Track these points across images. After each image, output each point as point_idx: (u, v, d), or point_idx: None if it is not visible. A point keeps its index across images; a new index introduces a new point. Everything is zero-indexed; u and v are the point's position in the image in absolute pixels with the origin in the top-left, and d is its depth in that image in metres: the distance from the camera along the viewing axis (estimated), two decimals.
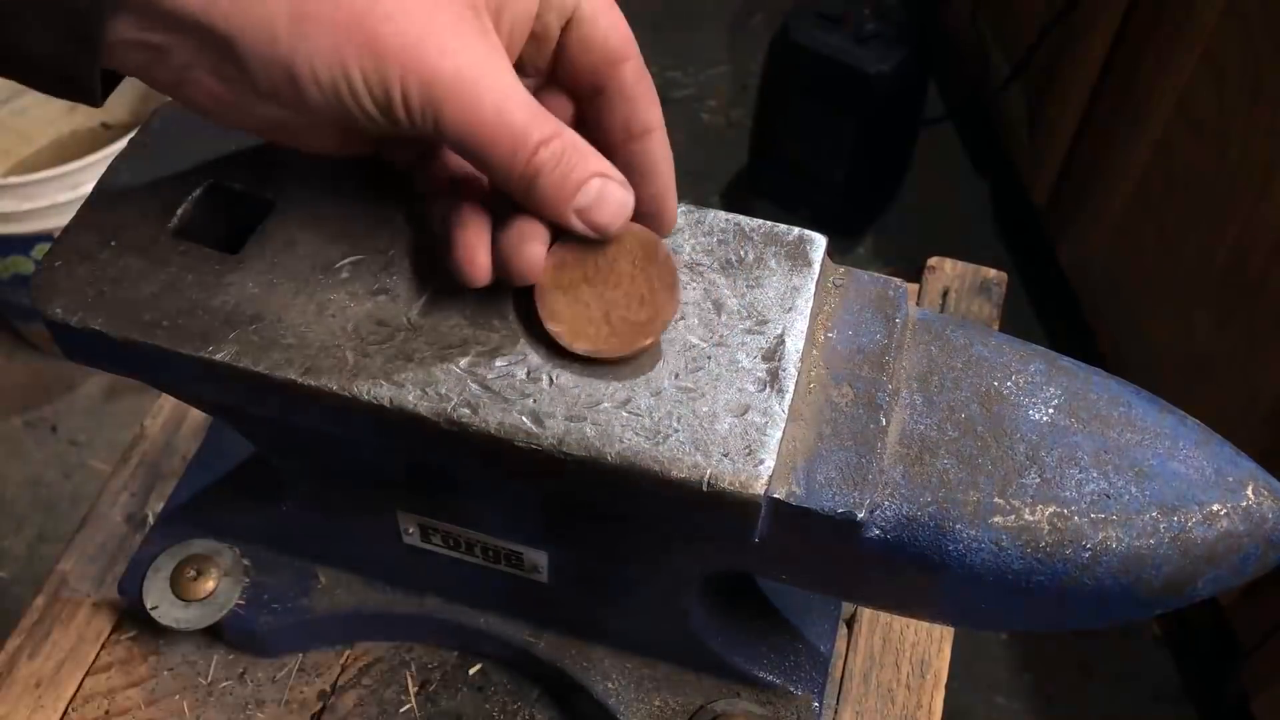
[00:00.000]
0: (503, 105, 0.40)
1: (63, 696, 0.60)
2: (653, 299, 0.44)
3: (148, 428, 0.70)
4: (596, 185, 0.42)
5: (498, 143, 0.40)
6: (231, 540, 0.61)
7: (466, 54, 0.39)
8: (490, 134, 0.40)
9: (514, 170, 0.41)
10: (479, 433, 0.43)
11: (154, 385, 0.51)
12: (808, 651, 0.57)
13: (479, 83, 0.39)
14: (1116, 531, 0.43)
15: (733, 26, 2.11)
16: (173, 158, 0.50)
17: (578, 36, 0.44)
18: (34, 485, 1.55)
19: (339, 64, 0.38)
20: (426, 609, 0.60)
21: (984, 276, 0.76)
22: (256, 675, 0.61)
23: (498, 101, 0.40)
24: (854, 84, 1.58)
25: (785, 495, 0.42)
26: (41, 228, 1.41)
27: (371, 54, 0.38)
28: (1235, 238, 1.21)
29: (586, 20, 0.44)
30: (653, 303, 0.44)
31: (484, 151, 0.40)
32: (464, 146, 0.41)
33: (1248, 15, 1.16)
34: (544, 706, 0.60)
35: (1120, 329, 1.45)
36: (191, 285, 0.46)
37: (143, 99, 1.71)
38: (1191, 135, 1.27)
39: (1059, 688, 1.39)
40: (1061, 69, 1.51)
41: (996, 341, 0.47)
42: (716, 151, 1.88)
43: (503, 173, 0.41)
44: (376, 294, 0.46)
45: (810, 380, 0.45)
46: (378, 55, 0.38)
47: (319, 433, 0.46)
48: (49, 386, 1.64)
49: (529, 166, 0.41)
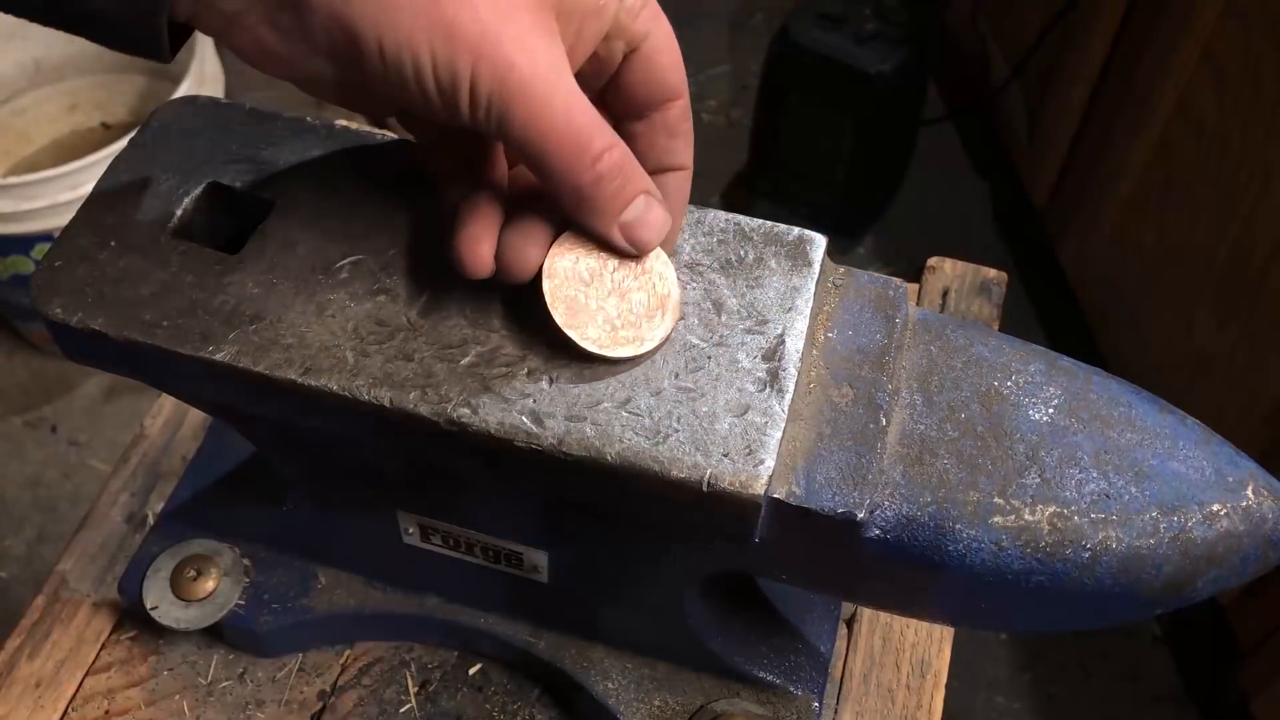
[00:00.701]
0: (570, 109, 0.39)
1: (63, 696, 0.60)
2: (657, 296, 0.44)
3: (148, 428, 0.70)
4: (643, 203, 0.42)
5: (563, 147, 0.39)
6: (231, 540, 0.61)
7: (543, 54, 0.39)
8: (557, 137, 0.39)
9: (576, 176, 0.40)
10: (479, 433, 0.43)
11: (154, 385, 0.51)
12: (808, 651, 0.57)
13: (552, 84, 0.39)
14: (1116, 531, 0.43)
15: (733, 26, 2.11)
16: (173, 158, 0.50)
17: (640, 67, 0.44)
18: (34, 485, 1.55)
19: (408, 40, 0.37)
20: (426, 609, 0.60)
21: (984, 276, 0.76)
22: (256, 675, 0.61)
23: (566, 104, 0.39)
24: (854, 84, 1.58)
25: (785, 495, 0.42)
26: (41, 228, 1.41)
27: (445, 36, 0.37)
28: (1235, 238, 1.21)
29: (651, 54, 0.44)
30: (658, 299, 0.44)
31: (547, 153, 0.40)
32: (527, 146, 0.40)
33: (1248, 15, 1.16)
34: (544, 706, 0.60)
35: (1120, 329, 1.45)
36: (191, 285, 0.46)
37: (143, 99, 1.71)
38: (1191, 135, 1.27)
39: (1059, 688, 1.39)
40: (1061, 69, 1.51)
41: (996, 341, 0.47)
42: (716, 151, 1.88)
43: (563, 177, 0.40)
44: (376, 294, 0.46)
45: (810, 380, 0.45)
46: (452, 39, 0.38)
47: (319, 433, 0.46)
48: (49, 386, 1.64)
49: (590, 173, 0.40)
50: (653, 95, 0.44)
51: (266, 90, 1.79)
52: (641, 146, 0.45)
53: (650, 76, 0.44)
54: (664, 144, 0.45)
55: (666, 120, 0.45)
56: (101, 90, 1.71)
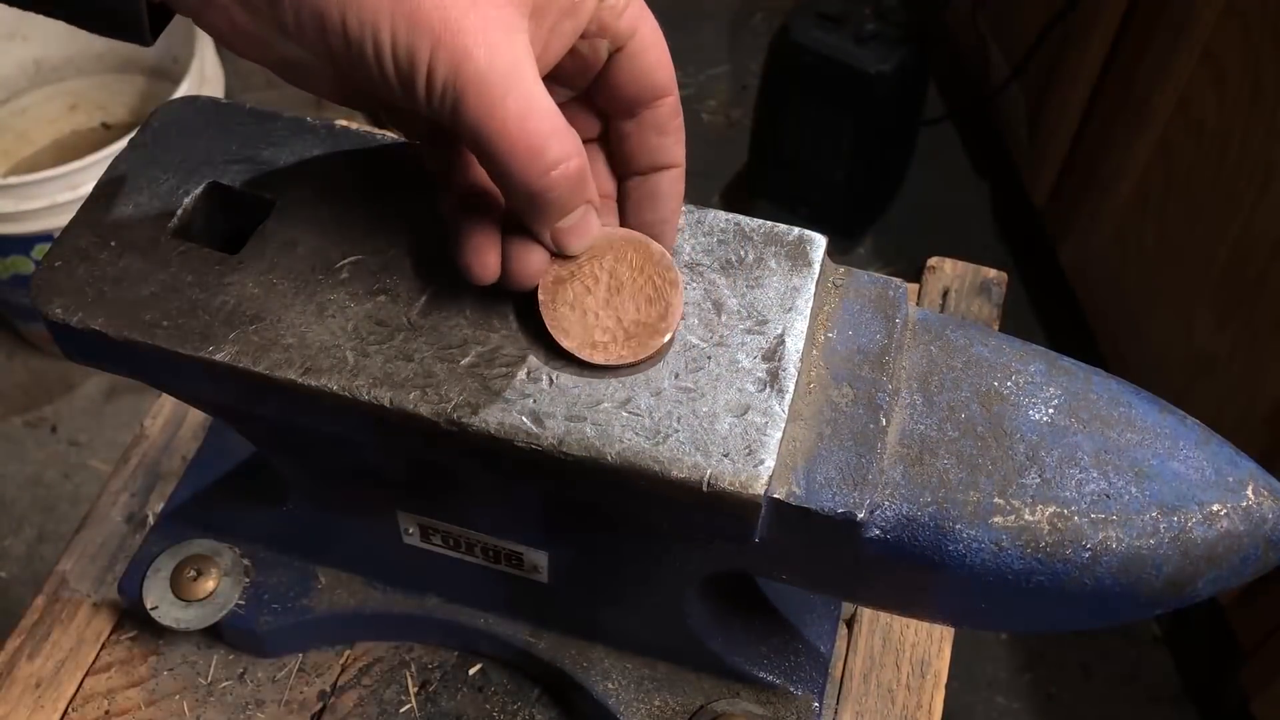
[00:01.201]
0: (528, 112, 0.39)
1: (63, 697, 0.60)
2: (660, 296, 0.44)
3: (148, 428, 0.70)
4: (581, 212, 0.42)
5: (514, 149, 0.39)
6: (231, 540, 0.61)
7: (504, 49, 0.38)
8: (509, 137, 0.39)
9: (525, 179, 0.40)
10: (479, 433, 0.43)
11: (154, 385, 0.51)
12: (808, 651, 0.57)
13: (508, 81, 0.38)
14: (1116, 531, 0.43)
15: (733, 26, 2.11)
16: (173, 158, 0.50)
17: (626, 66, 0.44)
18: (34, 485, 1.55)
19: (371, 19, 0.37)
20: (426, 609, 0.60)
21: (984, 276, 0.76)
22: (256, 675, 0.61)
23: (523, 107, 0.39)
24: (854, 84, 1.58)
25: (785, 495, 0.42)
26: (41, 228, 1.41)
27: (406, 19, 0.37)
28: (1235, 238, 1.21)
29: (638, 52, 0.43)
30: (661, 299, 0.44)
31: (497, 152, 0.39)
32: (477, 141, 0.39)
33: (1248, 15, 1.16)
34: (544, 706, 0.60)
35: (1120, 329, 1.45)
36: (191, 285, 0.46)
37: (143, 99, 1.71)
38: (1191, 135, 1.27)
39: (1059, 688, 1.39)
40: (1061, 69, 1.51)
41: (996, 341, 0.47)
42: (716, 151, 1.88)
43: (510, 177, 0.40)
44: (376, 294, 0.46)
45: (810, 380, 0.45)
46: (413, 22, 0.37)
47: (319, 433, 0.46)
48: (49, 386, 1.64)
49: (540, 182, 0.40)
50: (641, 93, 0.44)
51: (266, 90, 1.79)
52: (633, 145, 0.45)
53: (638, 75, 0.44)
54: (655, 142, 0.45)
55: (657, 118, 0.45)
56: (101, 90, 1.71)
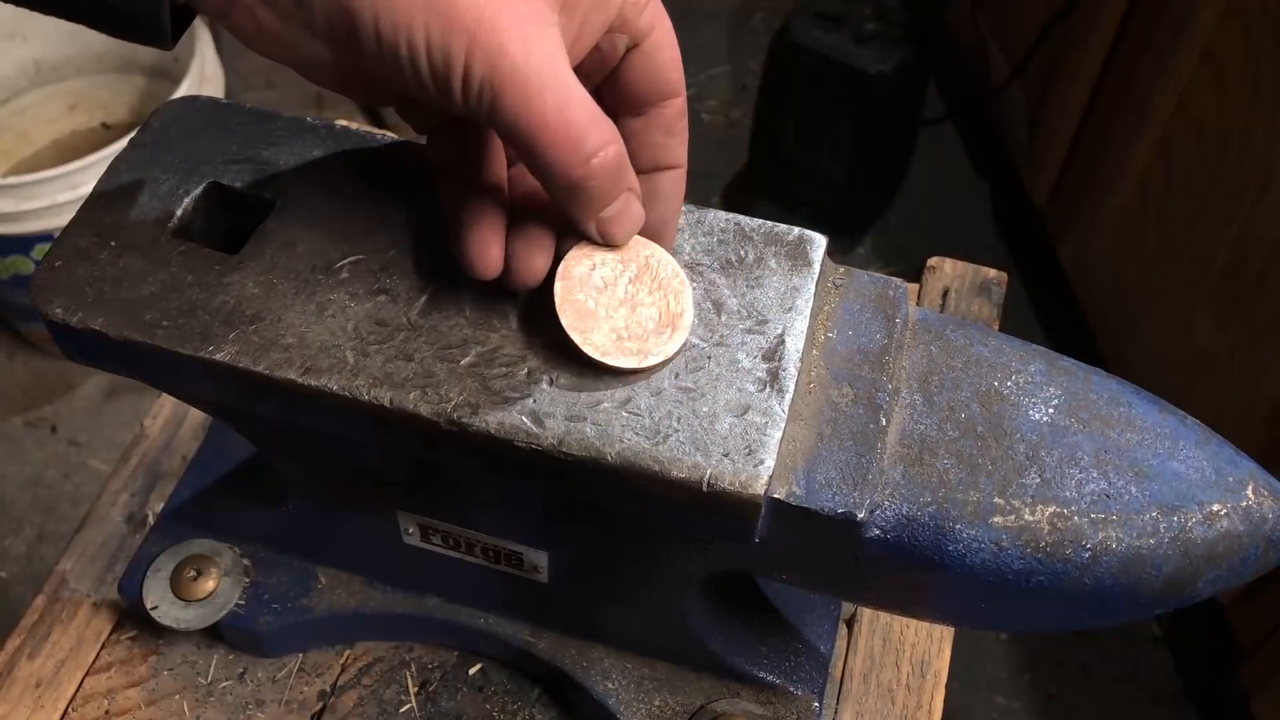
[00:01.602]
0: (565, 103, 0.39)
1: (63, 696, 0.60)
2: (669, 314, 0.44)
3: (148, 428, 0.70)
4: (625, 199, 0.42)
5: (554, 141, 0.39)
6: (231, 540, 0.61)
7: (538, 43, 0.38)
8: (549, 130, 0.39)
9: (567, 170, 0.40)
10: (479, 433, 0.42)
11: (154, 385, 0.51)
12: (808, 651, 0.57)
13: (546, 75, 0.38)
14: (1116, 531, 0.43)
15: (733, 26, 2.11)
16: (173, 158, 0.50)
17: (641, 64, 0.44)
18: (34, 485, 1.55)
19: (405, 21, 0.37)
20: (426, 609, 0.60)
21: (984, 276, 0.76)
22: (256, 675, 0.61)
23: (561, 98, 0.39)
24: (854, 84, 1.58)
25: (785, 495, 0.42)
26: (41, 228, 1.41)
27: (442, 19, 0.37)
28: (1235, 238, 1.21)
29: (652, 50, 0.43)
30: (670, 317, 0.44)
31: (538, 144, 0.39)
32: (517, 136, 0.39)
33: (1248, 15, 1.16)
34: (544, 706, 0.60)
35: (1120, 329, 1.45)
36: (191, 285, 0.46)
37: (143, 99, 1.71)
38: (1191, 135, 1.27)
39: (1059, 688, 1.39)
40: (1061, 69, 1.51)
41: (996, 341, 0.47)
42: (716, 151, 1.88)
43: (552, 169, 0.40)
44: (376, 294, 0.46)
45: (810, 380, 0.45)
46: (448, 21, 0.37)
47: (319, 433, 0.46)
48: (49, 386, 1.64)
49: (580, 171, 0.40)
50: (652, 92, 0.44)
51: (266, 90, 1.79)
52: (638, 143, 0.45)
53: (651, 73, 0.44)
54: (660, 142, 0.45)
55: (664, 118, 0.45)
56: (101, 90, 1.71)
